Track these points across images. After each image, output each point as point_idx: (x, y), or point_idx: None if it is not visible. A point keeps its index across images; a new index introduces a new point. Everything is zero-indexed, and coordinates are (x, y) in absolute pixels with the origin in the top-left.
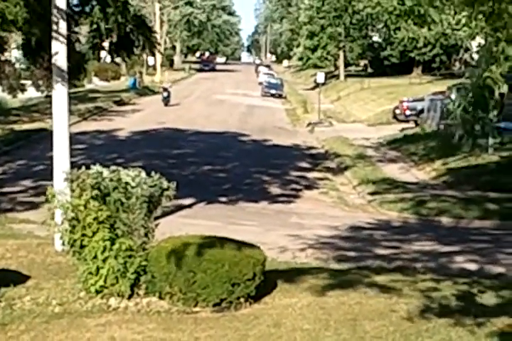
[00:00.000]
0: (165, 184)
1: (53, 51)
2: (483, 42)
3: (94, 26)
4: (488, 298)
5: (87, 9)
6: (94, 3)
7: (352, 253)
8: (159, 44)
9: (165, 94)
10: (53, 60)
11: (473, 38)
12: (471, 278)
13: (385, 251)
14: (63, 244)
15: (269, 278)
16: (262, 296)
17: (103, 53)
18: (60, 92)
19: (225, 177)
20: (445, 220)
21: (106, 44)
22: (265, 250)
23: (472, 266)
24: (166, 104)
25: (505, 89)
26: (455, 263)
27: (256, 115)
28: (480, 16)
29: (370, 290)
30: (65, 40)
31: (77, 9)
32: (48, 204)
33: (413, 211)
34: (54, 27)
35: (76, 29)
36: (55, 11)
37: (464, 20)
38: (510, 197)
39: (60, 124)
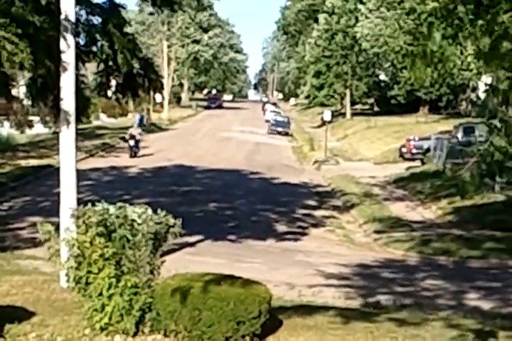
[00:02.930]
0: (171, 221)
1: (61, 90)
2: (489, 81)
3: (102, 65)
4: (499, 339)
5: (95, 49)
6: (102, 43)
7: (358, 292)
8: (163, 88)
9: (131, 142)
10: (61, 99)
11: (480, 77)
12: (480, 318)
13: (392, 289)
14: (69, 280)
15: (274, 316)
16: (267, 334)
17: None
18: (67, 129)
19: (232, 214)
20: (451, 259)
21: (113, 82)
22: (271, 288)
23: (481, 305)
24: (133, 156)
25: None
26: (463, 302)
27: (263, 152)
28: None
29: (376, 329)
30: (73, 80)
31: (84, 49)
32: (47, 241)
33: (419, 250)
34: (62, 66)
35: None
36: (64, 51)
37: (469, 59)
38: None
39: (67, 161)
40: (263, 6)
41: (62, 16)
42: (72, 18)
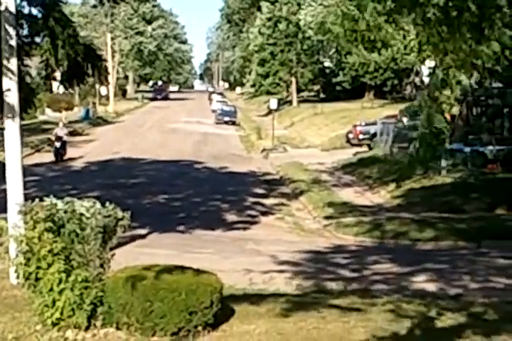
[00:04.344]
0: (120, 214)
1: (4, 84)
2: (432, 65)
3: (45, 57)
4: (446, 320)
5: (38, 40)
6: (44, 34)
7: (309, 278)
8: (108, 73)
9: (57, 144)
10: (4, 93)
11: (423, 62)
12: (429, 300)
13: (343, 274)
14: (18, 277)
15: (226, 305)
16: (219, 324)
17: (55, 84)
18: (12, 124)
19: (181, 205)
20: (401, 242)
21: (57, 74)
22: (222, 277)
23: (430, 287)
24: (59, 159)
25: (455, 110)
26: (413, 285)
27: (210, 142)
28: (430, 40)
29: (328, 314)
30: (15, 73)
31: (27, 40)
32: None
33: (369, 234)
34: (4, 60)
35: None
36: (4, 43)
37: (412, 44)
38: (463, 217)
39: (13, 157)
40: None
41: (2, 8)
42: (13, 9)
